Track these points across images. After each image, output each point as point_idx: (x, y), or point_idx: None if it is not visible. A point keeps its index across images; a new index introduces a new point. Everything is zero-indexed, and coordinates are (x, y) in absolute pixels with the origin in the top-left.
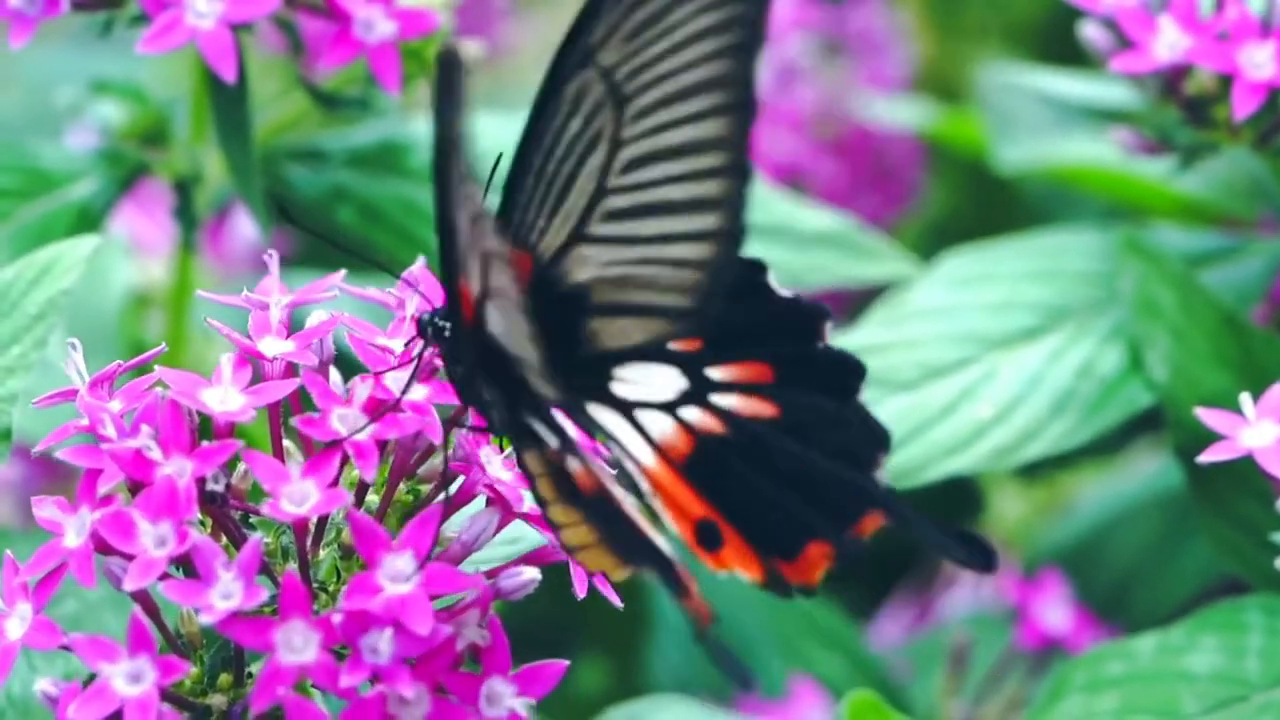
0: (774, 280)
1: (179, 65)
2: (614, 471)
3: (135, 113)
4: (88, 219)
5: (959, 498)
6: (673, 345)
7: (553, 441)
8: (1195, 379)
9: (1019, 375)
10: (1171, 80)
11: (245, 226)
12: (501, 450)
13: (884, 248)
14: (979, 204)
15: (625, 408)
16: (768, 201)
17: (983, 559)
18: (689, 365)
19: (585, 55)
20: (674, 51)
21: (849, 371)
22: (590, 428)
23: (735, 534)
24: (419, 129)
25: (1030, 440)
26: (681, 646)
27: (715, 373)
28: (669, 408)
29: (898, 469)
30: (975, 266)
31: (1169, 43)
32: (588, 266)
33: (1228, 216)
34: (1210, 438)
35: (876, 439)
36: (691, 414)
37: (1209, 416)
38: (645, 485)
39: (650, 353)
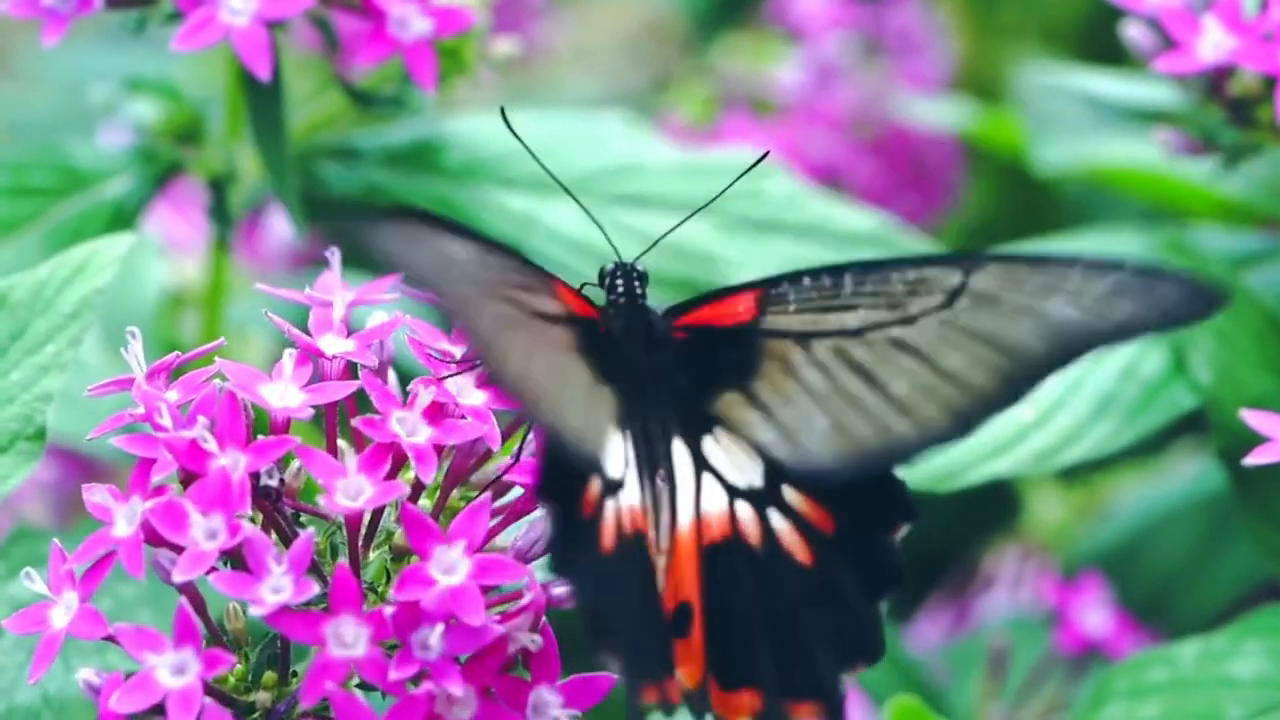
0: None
1: (213, 63)
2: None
3: (169, 111)
4: (122, 218)
5: (997, 500)
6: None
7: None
8: (1240, 381)
9: (1060, 378)
10: (1215, 81)
11: (279, 225)
12: None
13: (923, 247)
14: (1017, 204)
15: (700, 462)
16: (805, 201)
17: None
18: (776, 472)
19: (970, 269)
20: (1021, 314)
21: (891, 577)
22: (665, 455)
23: (701, 637)
24: (454, 127)
25: (1072, 443)
26: None
27: (790, 493)
28: (732, 490)
29: (939, 472)
30: None
31: (1213, 43)
32: (779, 361)
33: (1271, 218)
34: (1254, 440)
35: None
36: (744, 511)
37: (1254, 419)
38: (665, 541)
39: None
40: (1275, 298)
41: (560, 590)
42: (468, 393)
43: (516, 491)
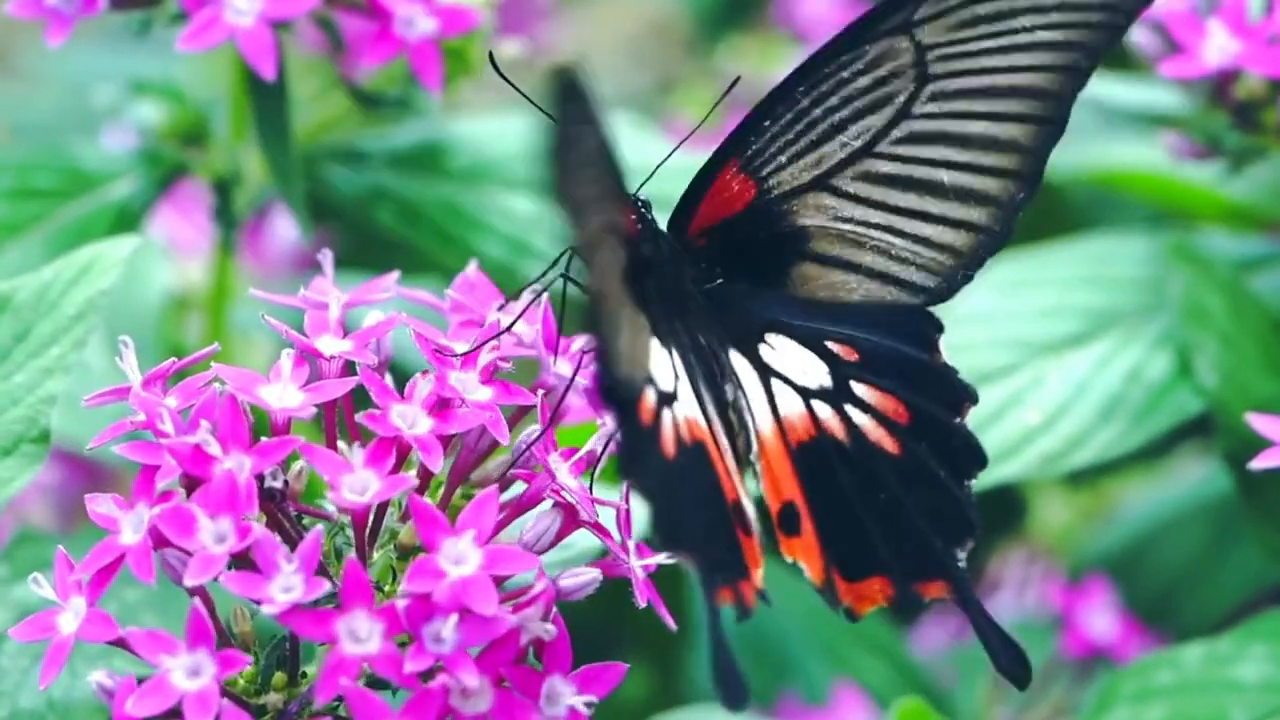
0: (943, 345)
1: (218, 64)
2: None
3: (174, 112)
4: (126, 219)
5: (1004, 504)
6: (832, 346)
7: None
8: (1245, 385)
9: (1067, 381)
10: (1220, 85)
11: (284, 227)
12: (567, 456)
13: None
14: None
15: (765, 370)
16: None
17: (1018, 670)
18: (838, 369)
19: (903, 24)
20: (1001, 52)
21: (973, 458)
22: (724, 371)
23: (814, 531)
24: (460, 129)
25: (1078, 447)
26: None
27: (860, 389)
28: (804, 392)
29: None
30: (1022, 272)
31: (1218, 47)
32: (819, 215)
33: (1276, 221)
34: (1260, 444)
35: (968, 521)
36: (823, 410)
37: (1260, 423)
38: (755, 446)
39: (809, 340)
40: None
41: (569, 582)
42: (474, 388)
43: (519, 487)
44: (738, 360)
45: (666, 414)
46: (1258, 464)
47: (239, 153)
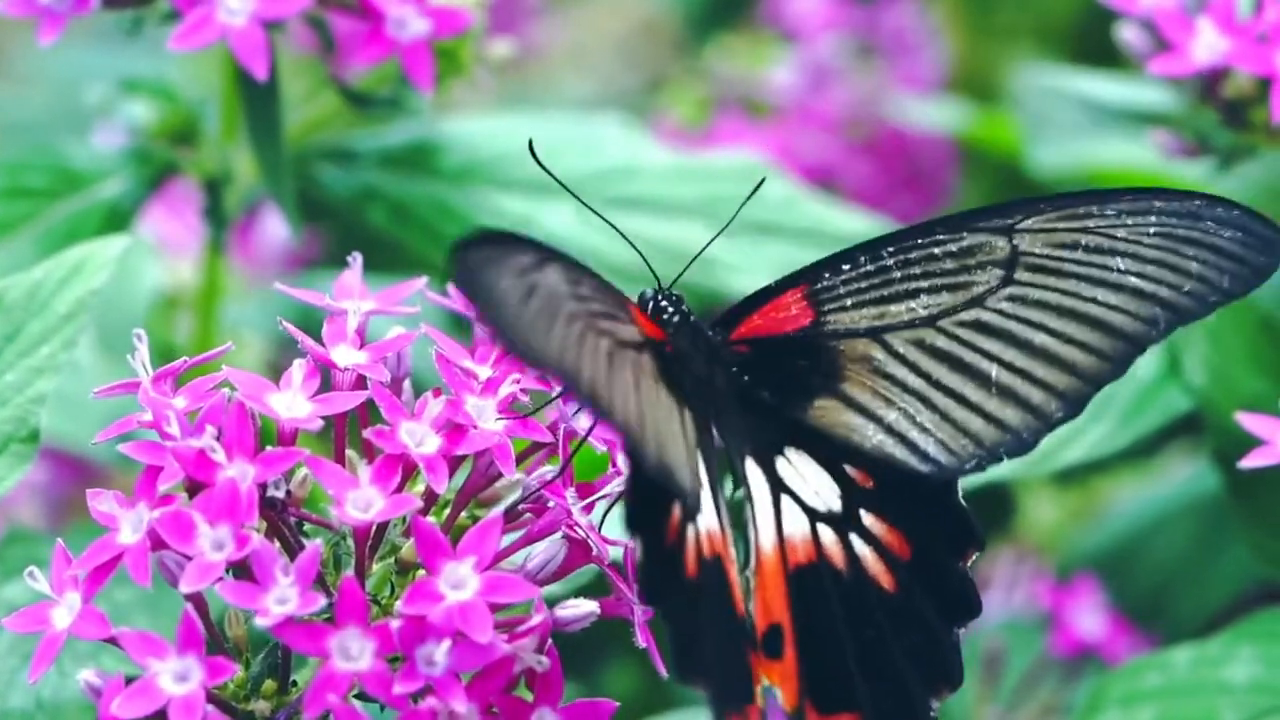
0: (960, 489)
1: (209, 64)
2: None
3: (165, 111)
4: (116, 219)
5: (993, 503)
6: (850, 470)
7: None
8: (1233, 383)
9: None
10: (1210, 82)
11: (274, 227)
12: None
13: None
14: None
15: (778, 485)
16: (801, 204)
17: None
18: (851, 495)
19: (1006, 228)
20: (1090, 282)
21: (967, 606)
22: (738, 478)
23: (795, 659)
24: (451, 129)
25: (1067, 445)
26: None
27: (868, 518)
28: (812, 514)
29: None
30: None
31: (1207, 45)
32: (863, 362)
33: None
34: (1249, 443)
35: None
36: (827, 535)
37: (1249, 421)
38: (754, 561)
39: (828, 460)
40: (1269, 300)
41: (566, 613)
42: (488, 419)
43: (525, 517)
44: (752, 469)
45: (690, 529)
46: (1247, 463)
47: (230, 152)
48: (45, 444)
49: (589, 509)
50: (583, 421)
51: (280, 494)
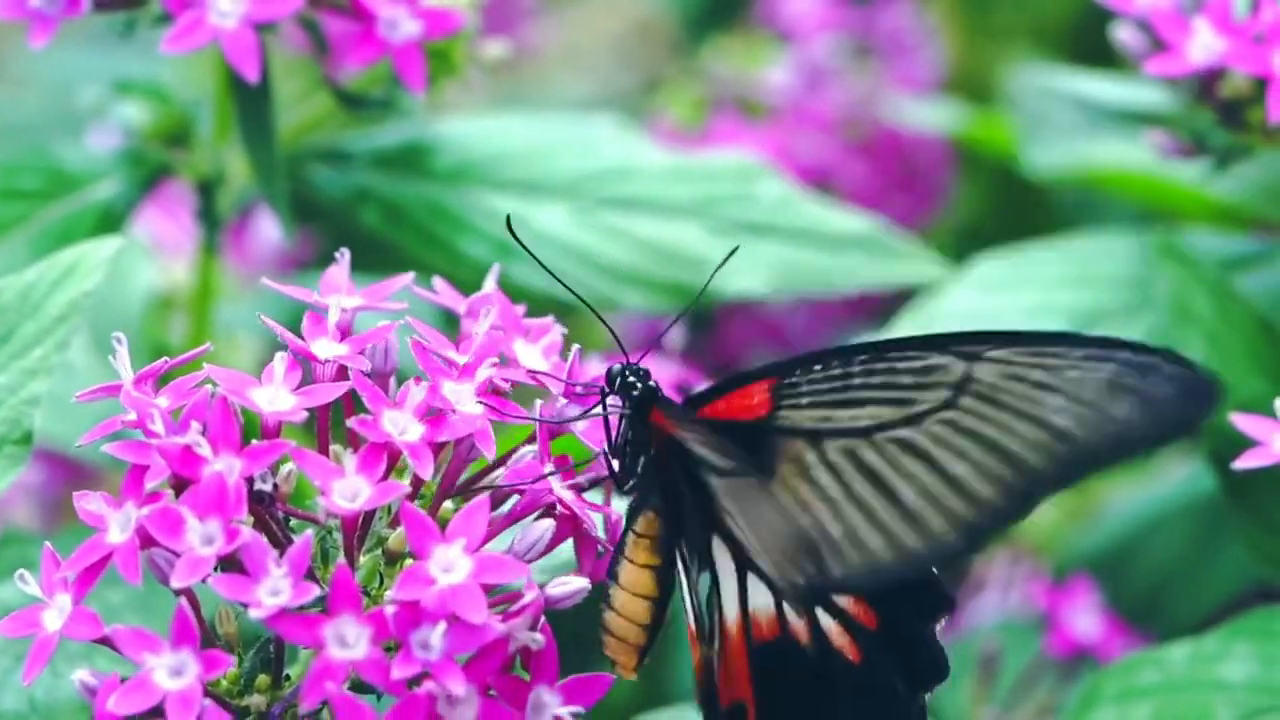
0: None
1: (202, 66)
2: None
3: (158, 113)
4: (110, 220)
5: None
6: None
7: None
8: (1231, 384)
9: None
10: (1206, 83)
11: (267, 228)
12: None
13: (913, 250)
14: (1008, 207)
15: (743, 563)
16: (796, 204)
17: None
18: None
19: (973, 354)
20: (1022, 417)
21: (935, 671)
22: (705, 558)
23: None
24: (444, 130)
25: None
26: None
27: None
28: (776, 590)
29: None
30: (1008, 270)
31: (1204, 45)
32: (794, 463)
33: (1262, 220)
34: (1245, 443)
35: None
36: (791, 611)
37: (1245, 422)
38: (718, 639)
39: None
40: (1266, 300)
41: (557, 591)
42: (466, 401)
43: (512, 499)
44: (719, 547)
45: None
46: (1242, 464)
47: (223, 153)
48: (39, 446)
49: (571, 481)
50: (570, 411)
51: (267, 487)
